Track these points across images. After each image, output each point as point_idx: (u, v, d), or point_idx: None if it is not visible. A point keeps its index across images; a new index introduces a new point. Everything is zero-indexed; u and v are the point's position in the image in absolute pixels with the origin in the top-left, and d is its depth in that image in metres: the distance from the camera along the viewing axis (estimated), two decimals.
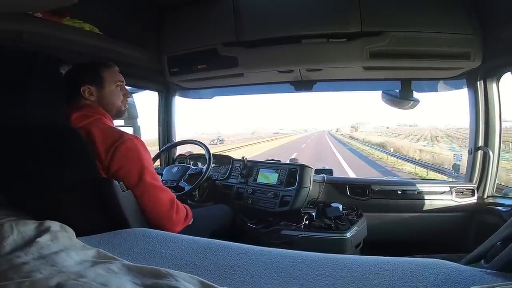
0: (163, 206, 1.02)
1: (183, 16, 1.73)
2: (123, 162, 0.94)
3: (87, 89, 1.03)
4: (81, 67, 1.07)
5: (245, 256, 0.67)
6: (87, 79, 1.04)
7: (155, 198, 1.00)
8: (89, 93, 1.03)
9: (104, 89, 1.06)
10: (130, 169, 0.96)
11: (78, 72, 1.05)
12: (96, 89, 1.04)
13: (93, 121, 0.98)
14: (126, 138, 0.96)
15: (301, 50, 1.56)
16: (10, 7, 0.94)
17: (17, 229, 0.67)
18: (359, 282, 0.56)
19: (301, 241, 1.35)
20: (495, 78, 1.49)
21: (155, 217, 1.01)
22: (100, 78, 1.06)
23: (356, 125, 68.58)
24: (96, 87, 1.04)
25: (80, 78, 1.03)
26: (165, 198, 1.03)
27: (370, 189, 1.66)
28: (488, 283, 0.51)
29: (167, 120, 2.11)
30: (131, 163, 0.96)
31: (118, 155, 0.93)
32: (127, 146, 0.95)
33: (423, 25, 1.39)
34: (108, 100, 1.07)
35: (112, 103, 1.09)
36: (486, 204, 1.54)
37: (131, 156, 0.96)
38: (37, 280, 0.51)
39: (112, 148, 0.93)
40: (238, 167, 1.81)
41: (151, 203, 1.00)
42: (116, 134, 0.96)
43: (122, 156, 0.94)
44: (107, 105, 1.07)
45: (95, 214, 0.93)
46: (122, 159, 0.94)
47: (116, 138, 0.95)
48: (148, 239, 0.76)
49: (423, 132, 38.73)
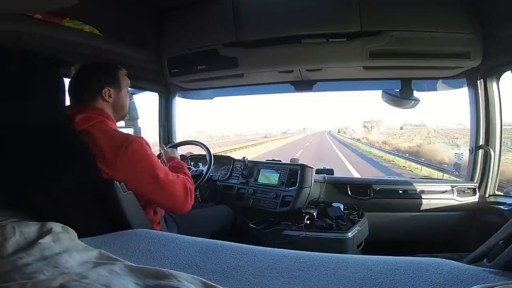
0: (181, 197, 1.04)
1: (183, 17, 1.73)
2: (133, 165, 0.94)
3: (108, 90, 1.03)
4: (100, 67, 1.07)
5: (247, 256, 0.67)
6: (108, 80, 1.04)
7: (172, 192, 1.02)
8: (109, 95, 1.03)
9: (121, 91, 1.07)
10: (142, 172, 0.96)
11: (99, 72, 1.05)
12: (114, 91, 1.05)
13: (97, 123, 0.97)
14: (132, 139, 0.95)
15: (301, 50, 1.56)
16: (10, 8, 0.94)
17: (19, 231, 0.67)
18: (361, 282, 0.56)
19: (302, 241, 1.35)
20: (495, 77, 1.49)
21: (172, 205, 1.05)
22: (118, 80, 1.07)
23: (369, 124, 53.43)
24: (114, 89, 1.05)
25: (102, 79, 1.03)
26: (180, 189, 1.04)
27: (371, 188, 1.66)
28: (490, 282, 0.51)
29: (168, 121, 2.11)
30: (142, 163, 0.96)
31: (126, 157, 0.93)
32: (134, 148, 0.94)
33: (423, 24, 1.39)
34: (122, 103, 1.09)
35: (124, 105, 1.10)
36: (487, 203, 1.54)
37: (141, 158, 0.96)
38: (39, 281, 0.51)
39: (120, 151, 0.92)
40: (239, 167, 1.82)
41: (169, 198, 1.02)
42: (122, 137, 0.96)
43: (130, 158, 0.93)
44: (121, 107, 1.09)
45: (97, 215, 0.93)
46: (131, 162, 0.93)
47: (123, 140, 0.94)
48: (150, 240, 0.76)
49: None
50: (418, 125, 40.73)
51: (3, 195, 0.90)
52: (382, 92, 1.72)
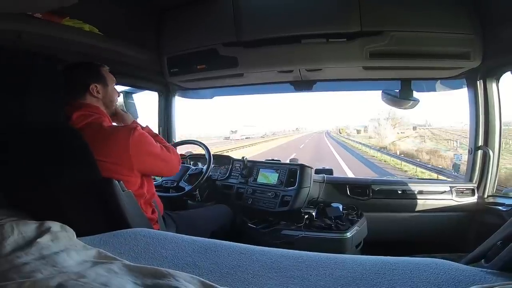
0: (177, 163, 1.21)
1: (183, 16, 1.73)
2: (141, 149, 1.03)
3: (95, 87, 1.08)
4: (84, 66, 1.11)
5: (246, 256, 0.67)
6: (93, 77, 1.09)
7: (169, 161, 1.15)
8: (97, 91, 1.08)
9: (108, 87, 1.12)
10: (149, 154, 1.06)
11: (84, 70, 1.10)
12: (102, 87, 1.10)
13: (94, 120, 1.01)
14: (132, 127, 1.03)
15: (300, 50, 1.56)
16: (9, 8, 0.94)
17: (17, 230, 0.67)
18: (359, 282, 0.56)
19: (301, 241, 1.35)
20: (495, 78, 1.49)
21: (171, 172, 1.25)
22: (103, 76, 1.12)
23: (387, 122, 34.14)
24: (101, 85, 1.10)
25: (87, 77, 1.08)
26: (174, 157, 1.19)
27: (370, 189, 1.66)
28: (488, 282, 0.51)
29: (167, 121, 2.11)
30: (146, 146, 1.06)
31: (134, 144, 1.00)
32: (138, 134, 1.02)
33: (423, 25, 1.39)
34: (110, 98, 1.14)
35: (113, 100, 1.16)
36: (486, 203, 1.54)
37: (144, 141, 1.05)
38: (38, 280, 0.51)
39: (129, 141, 0.98)
40: (238, 167, 1.81)
41: (169, 168, 1.19)
42: (123, 129, 1.04)
43: (138, 144, 1.01)
44: (110, 102, 1.14)
45: (96, 214, 0.93)
46: (139, 147, 1.02)
47: (126, 130, 1.01)
48: (149, 239, 0.76)
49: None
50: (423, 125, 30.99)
51: (3, 194, 0.90)
52: (381, 92, 1.72)
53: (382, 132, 28.08)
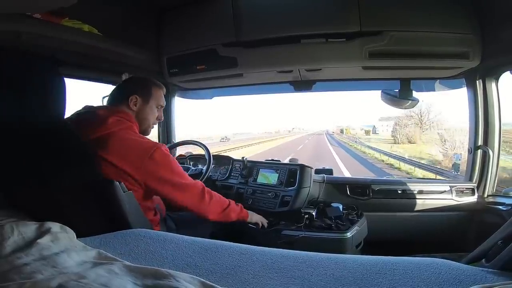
0: (195, 197, 1.12)
1: (183, 17, 1.73)
2: (155, 169, 1.01)
3: (134, 98, 1.11)
4: (137, 79, 1.22)
5: (246, 256, 0.67)
6: (138, 90, 1.13)
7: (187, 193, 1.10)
8: (134, 102, 1.11)
9: (148, 104, 1.14)
10: (162, 177, 1.02)
11: (135, 80, 1.19)
12: (141, 101, 1.12)
13: (127, 127, 1.04)
14: (157, 147, 1.02)
15: (300, 50, 1.55)
16: (9, 8, 0.94)
17: (17, 230, 0.67)
18: (360, 282, 0.56)
19: (301, 241, 1.35)
20: (494, 78, 1.49)
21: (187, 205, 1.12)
22: (149, 93, 1.15)
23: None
24: (142, 100, 1.13)
25: (133, 88, 1.13)
26: (195, 191, 1.12)
27: (370, 188, 1.66)
28: (489, 282, 0.51)
29: (167, 121, 2.11)
30: (163, 169, 1.03)
31: (150, 163, 0.99)
32: (159, 154, 1.01)
33: (422, 24, 1.40)
34: (145, 115, 1.15)
35: (147, 118, 1.16)
36: (486, 203, 1.54)
37: (162, 164, 1.02)
38: (38, 281, 0.51)
39: (146, 157, 0.99)
40: (238, 167, 1.81)
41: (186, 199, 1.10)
42: (149, 143, 1.03)
43: (154, 164, 1.00)
44: (143, 119, 1.14)
45: (96, 215, 0.93)
46: (153, 167, 1.00)
47: (150, 146, 1.01)
48: (149, 240, 0.76)
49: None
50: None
51: (3, 194, 0.90)
52: (381, 92, 1.72)
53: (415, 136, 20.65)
